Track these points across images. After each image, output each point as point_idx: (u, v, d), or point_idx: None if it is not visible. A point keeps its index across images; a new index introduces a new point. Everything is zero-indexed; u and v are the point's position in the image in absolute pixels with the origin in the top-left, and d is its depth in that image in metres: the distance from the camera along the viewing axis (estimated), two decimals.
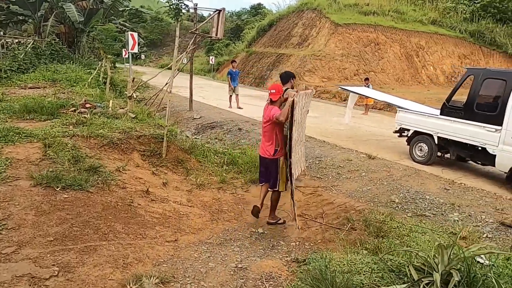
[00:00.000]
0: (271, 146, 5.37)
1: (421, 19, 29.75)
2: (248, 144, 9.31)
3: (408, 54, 27.25)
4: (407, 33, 27.91)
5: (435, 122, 7.96)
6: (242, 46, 37.71)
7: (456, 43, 29.08)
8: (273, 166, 5.45)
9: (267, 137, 5.40)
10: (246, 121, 11.81)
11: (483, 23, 29.60)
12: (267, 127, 5.35)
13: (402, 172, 7.78)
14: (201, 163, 7.76)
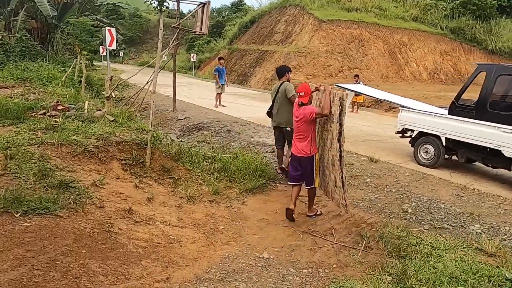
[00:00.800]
0: (307, 145, 5.36)
1: (403, 15, 29.42)
2: (239, 148, 8.45)
3: (392, 51, 26.84)
4: (390, 30, 27.49)
5: (443, 122, 7.28)
6: (223, 43, 36.72)
7: (437, 39, 28.83)
8: (309, 163, 5.42)
9: (302, 136, 5.36)
10: (235, 121, 10.93)
11: (463, 20, 29.44)
12: (302, 127, 5.33)
13: (409, 177, 7.08)
14: (190, 171, 6.86)
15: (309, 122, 5.27)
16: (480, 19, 29.52)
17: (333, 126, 5.06)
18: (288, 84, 6.86)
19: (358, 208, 6.08)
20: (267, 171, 7.18)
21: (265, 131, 10.02)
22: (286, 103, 6.76)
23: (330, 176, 5.47)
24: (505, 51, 28.11)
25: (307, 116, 5.21)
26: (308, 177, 5.49)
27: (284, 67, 7.31)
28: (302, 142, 5.38)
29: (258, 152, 8.40)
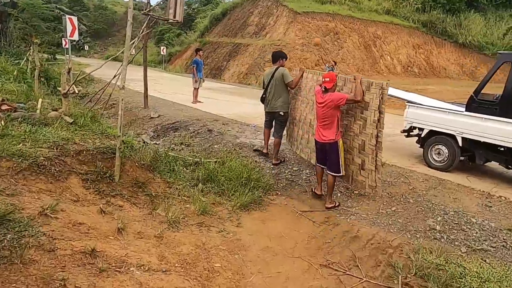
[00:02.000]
0: (332, 131, 5.33)
1: (376, 8, 28.78)
2: (225, 151, 7.16)
3: (366, 44, 26.10)
4: (364, 23, 26.74)
5: (459, 120, 6.27)
6: (194, 36, 34.99)
7: (410, 33, 28.36)
8: (333, 150, 5.37)
9: (328, 121, 5.31)
10: (215, 119, 9.60)
11: (434, 14, 29.11)
12: (328, 112, 5.27)
13: (424, 183, 6.04)
14: (170, 184, 5.54)
15: (336, 107, 5.20)
16: (450, 13, 29.30)
17: (366, 113, 5.21)
18: (283, 69, 6.68)
19: (376, 225, 4.97)
20: (262, 181, 5.96)
21: (251, 131, 8.76)
22: (282, 88, 6.70)
23: (353, 160, 5.54)
24: (475, 44, 27.99)
25: (335, 101, 5.14)
26: (333, 163, 5.40)
27: (280, 53, 7.00)
28: (327, 129, 5.31)
29: (247, 156, 7.15)
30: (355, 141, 5.53)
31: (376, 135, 5.14)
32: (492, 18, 30.08)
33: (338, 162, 5.36)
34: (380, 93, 4.99)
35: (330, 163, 5.41)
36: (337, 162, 5.36)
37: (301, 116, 7.10)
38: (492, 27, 29.03)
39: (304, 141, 7.13)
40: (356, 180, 5.63)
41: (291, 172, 6.61)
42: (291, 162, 6.97)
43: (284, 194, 5.91)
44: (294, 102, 7.31)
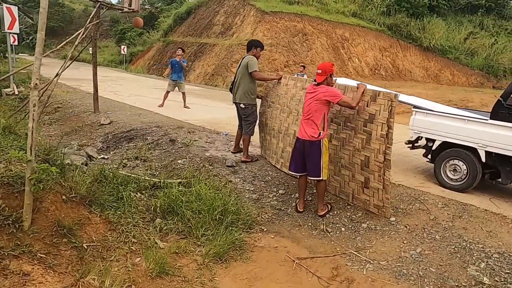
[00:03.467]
0: (316, 127, 4.40)
1: (343, 10, 27.81)
2: (191, 169, 5.51)
3: (335, 46, 25.06)
4: (332, 24, 25.70)
5: (483, 130, 4.96)
6: (157, 35, 32.73)
7: (376, 36, 27.63)
8: (314, 149, 4.41)
9: (311, 116, 4.40)
10: (180, 126, 7.88)
11: (399, 17, 28.54)
12: (314, 106, 4.37)
13: (445, 210, 4.66)
14: (113, 224, 3.83)
15: (325, 103, 4.38)
16: (414, 17, 28.87)
17: (371, 126, 4.37)
18: (251, 58, 5.90)
19: (404, 279, 3.51)
20: (241, 213, 4.37)
21: (223, 141, 7.14)
22: (245, 78, 5.94)
23: (354, 177, 4.66)
24: (438, 48, 27.66)
25: (327, 96, 4.33)
26: (313, 166, 4.43)
27: (254, 41, 6.18)
28: (310, 124, 4.42)
29: (219, 174, 5.54)
30: (356, 156, 4.62)
31: (384, 151, 4.28)
32: (453, 23, 30.05)
33: (319, 163, 4.40)
34: (389, 105, 4.21)
35: (310, 165, 4.45)
36: (317, 164, 4.40)
37: (281, 127, 5.82)
38: (453, 31, 28.93)
39: (286, 154, 5.69)
40: (357, 198, 4.72)
41: (277, 196, 5.07)
42: (275, 183, 5.42)
43: (271, 230, 4.34)
44: (271, 111, 6.15)
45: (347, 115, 4.64)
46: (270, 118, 6.15)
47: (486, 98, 17.38)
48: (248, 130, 6.10)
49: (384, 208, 4.42)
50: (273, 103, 6.12)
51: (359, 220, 4.44)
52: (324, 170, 4.40)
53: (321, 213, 4.56)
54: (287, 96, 5.78)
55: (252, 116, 6.10)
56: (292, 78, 5.89)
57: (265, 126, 6.32)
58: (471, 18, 31.12)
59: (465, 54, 27.41)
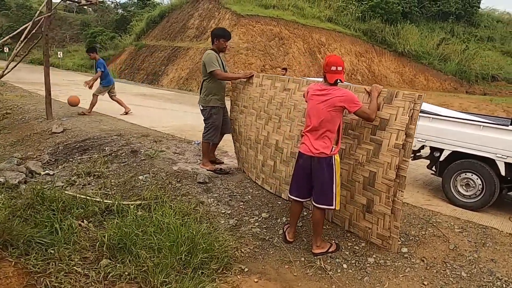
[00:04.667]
0: (327, 143, 3.33)
1: (319, 15, 27.25)
2: (154, 188, 4.43)
3: (311, 50, 24.41)
4: (308, 29, 25.06)
5: (502, 138, 4.13)
6: (130, 39, 31.25)
7: (352, 41, 27.20)
8: (324, 168, 3.33)
9: (325, 128, 3.31)
10: (145, 135, 6.77)
11: (374, 23, 28.21)
12: (329, 114, 3.27)
13: (464, 236, 3.78)
14: (35, 274, 2.72)
15: (340, 111, 3.32)
16: (388, 23, 28.65)
17: (382, 134, 3.39)
18: (207, 54, 5.00)
19: None
20: (216, 248, 3.32)
21: (194, 151, 6.08)
22: (205, 77, 5.10)
23: (353, 199, 3.71)
24: (412, 53, 27.53)
25: (345, 102, 3.24)
26: (323, 190, 3.37)
27: (216, 30, 5.31)
28: (321, 138, 3.35)
29: (189, 194, 4.49)
30: (357, 172, 3.64)
31: (397, 165, 3.31)
32: (425, 29, 30.10)
33: (331, 188, 3.36)
34: (410, 108, 3.24)
35: (318, 189, 3.41)
36: (330, 188, 3.36)
37: (259, 136, 4.83)
38: (426, 37, 28.93)
39: (268, 169, 4.70)
40: (356, 226, 3.77)
41: (259, 221, 4.05)
42: (256, 203, 4.41)
43: (254, 269, 3.31)
44: (243, 117, 5.13)
45: (348, 120, 3.67)
46: (244, 125, 5.15)
47: (464, 103, 17.03)
48: (205, 134, 5.20)
49: (391, 239, 3.47)
50: (245, 107, 5.10)
51: (363, 253, 3.48)
52: (337, 196, 3.38)
53: (317, 251, 3.49)
54: (263, 99, 4.77)
55: (211, 119, 5.15)
56: (268, 77, 4.85)
57: (239, 135, 5.32)
58: (442, 25, 31.32)
59: (439, 60, 27.39)
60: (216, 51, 5.08)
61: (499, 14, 34.83)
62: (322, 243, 3.52)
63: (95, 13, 43.58)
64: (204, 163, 5.31)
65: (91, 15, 44.11)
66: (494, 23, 33.16)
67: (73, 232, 3.49)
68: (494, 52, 29.03)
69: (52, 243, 3.24)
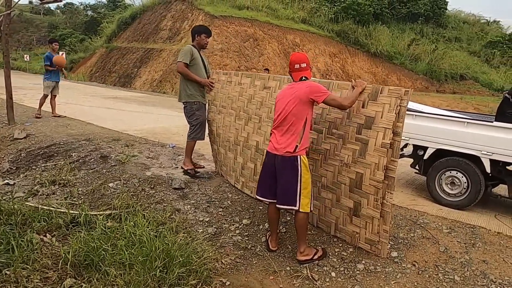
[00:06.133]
0: (291, 139, 3.12)
1: (293, 16, 27.27)
2: (125, 196, 4.09)
3: (286, 51, 24.33)
4: (283, 30, 25.02)
5: (487, 134, 4.03)
6: (100, 41, 30.38)
7: (326, 42, 27.35)
8: (288, 168, 3.11)
9: (290, 124, 3.11)
10: (116, 139, 6.37)
11: (347, 24, 28.49)
12: (294, 108, 3.08)
13: (453, 237, 3.64)
14: None
15: (308, 103, 3.10)
16: (360, 24, 28.99)
17: (368, 133, 3.18)
18: (186, 46, 4.80)
19: None
20: (194, 261, 3.02)
21: (168, 155, 5.75)
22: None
23: (340, 202, 3.49)
24: (384, 54, 27.98)
25: (310, 93, 3.05)
26: (285, 190, 3.13)
27: (196, 27, 5.00)
28: (285, 134, 3.14)
29: (163, 201, 4.17)
30: (343, 174, 3.42)
31: (385, 166, 3.09)
32: (396, 30, 30.68)
33: (294, 187, 3.10)
34: (397, 105, 3.03)
35: (280, 189, 3.17)
36: (292, 187, 3.10)
37: (238, 137, 4.58)
38: (397, 38, 29.49)
39: (248, 172, 4.46)
40: (343, 230, 3.54)
41: (240, 229, 3.77)
42: (237, 209, 4.14)
43: (236, 282, 3.03)
44: (222, 117, 4.88)
45: (332, 119, 3.46)
46: (222, 126, 4.87)
47: (436, 101, 17.33)
48: (191, 133, 4.88)
49: (380, 244, 3.26)
50: (223, 107, 4.83)
51: (352, 259, 3.27)
52: (304, 198, 3.10)
53: (302, 258, 3.21)
54: (242, 98, 4.52)
55: (195, 116, 4.85)
56: (247, 75, 4.61)
57: (217, 136, 5.04)
58: (412, 26, 32.01)
59: (410, 60, 27.94)
60: (196, 47, 4.81)
61: (465, 16, 35.93)
62: (307, 249, 3.26)
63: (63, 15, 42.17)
64: (185, 162, 4.99)
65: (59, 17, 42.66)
66: (460, 24, 34.18)
67: (33, 248, 3.13)
68: (461, 52, 29.87)
69: (8, 262, 2.88)
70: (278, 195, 3.18)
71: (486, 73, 27.81)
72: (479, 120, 4.19)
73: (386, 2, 30.93)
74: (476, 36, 32.85)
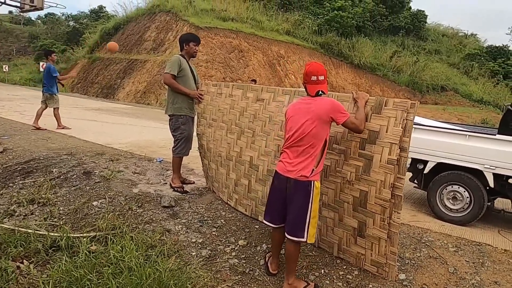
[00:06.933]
0: (307, 161, 2.79)
1: (277, 28, 27.40)
2: (110, 216, 3.78)
3: (271, 63, 24.37)
4: (267, 41, 25.07)
5: (490, 148, 3.91)
6: (82, 52, 29.81)
7: (310, 53, 27.52)
8: (301, 193, 2.79)
9: (305, 145, 2.80)
10: (100, 153, 6.04)
11: (330, 36, 28.80)
12: (314, 127, 2.77)
13: (460, 256, 3.47)
14: None
15: (327, 124, 2.83)
16: (343, 36, 29.35)
17: (372, 149, 2.98)
18: (173, 56, 4.59)
19: None
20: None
21: (156, 169, 5.46)
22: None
23: (343, 222, 3.25)
24: (368, 65, 28.35)
25: (333, 113, 2.78)
26: (295, 219, 2.82)
27: (183, 36, 4.79)
28: (301, 155, 2.81)
29: (152, 220, 3.88)
30: (346, 191, 3.21)
31: (392, 184, 2.90)
32: (378, 42, 31.19)
33: (304, 217, 2.80)
34: (403, 118, 2.85)
35: (291, 217, 2.85)
36: (302, 218, 2.81)
37: (230, 152, 4.34)
38: (380, 50, 29.96)
39: (241, 188, 4.22)
40: (347, 251, 3.32)
41: (236, 250, 3.51)
42: (231, 229, 3.88)
43: None
44: (212, 131, 4.62)
45: (332, 133, 3.24)
46: (213, 140, 4.63)
47: (420, 112, 17.49)
48: (175, 148, 4.66)
49: (388, 266, 3.06)
50: (214, 120, 4.59)
51: (358, 283, 3.05)
52: (311, 228, 2.82)
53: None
54: (234, 110, 4.29)
55: (179, 130, 4.62)
56: (239, 86, 4.40)
57: (208, 151, 4.79)
58: (394, 38, 32.64)
59: (392, 71, 28.35)
60: (185, 57, 4.59)
61: (444, 29, 36.91)
62: (295, 281, 2.94)
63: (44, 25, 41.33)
64: (173, 179, 4.73)
65: (40, 27, 41.80)
66: (440, 37, 35.06)
67: (7, 279, 2.81)
68: (441, 64, 30.54)
69: None
70: (288, 223, 2.88)
71: (466, 84, 28.45)
72: (481, 132, 4.07)
73: (368, 15, 31.47)
74: (455, 49, 33.72)
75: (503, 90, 27.92)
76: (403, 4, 34.13)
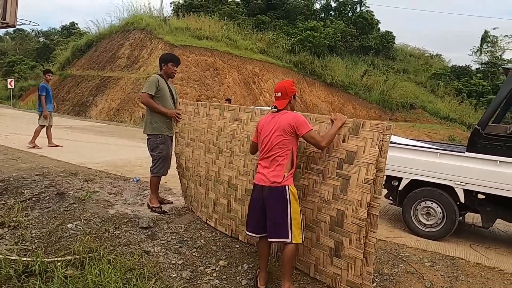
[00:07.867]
0: (277, 170, 3.02)
1: (252, 47, 27.85)
2: (86, 239, 3.67)
3: (246, 81, 24.64)
4: (242, 60, 25.38)
5: (459, 165, 4.08)
6: (53, 68, 29.07)
7: (284, 72, 28.03)
8: (277, 198, 2.99)
9: (274, 155, 3.04)
10: (73, 173, 5.88)
11: (303, 55, 29.51)
12: (279, 139, 3.03)
13: (436, 270, 3.57)
14: None
15: (293, 135, 3.04)
16: (316, 55, 30.14)
17: (349, 169, 3.06)
18: (152, 76, 4.63)
19: None
20: None
21: (133, 189, 5.36)
22: None
23: (320, 242, 3.30)
24: (340, 84, 29.12)
25: (295, 124, 2.99)
26: (275, 222, 2.99)
27: (163, 56, 4.83)
28: (272, 165, 3.05)
29: (130, 242, 3.79)
30: (323, 211, 3.25)
31: (368, 203, 2.97)
32: (349, 62, 32.18)
33: (285, 219, 2.97)
34: (379, 140, 2.95)
35: (271, 222, 3.02)
36: (282, 220, 2.97)
37: (209, 172, 4.34)
38: (351, 69, 30.89)
39: (221, 208, 4.21)
40: (323, 272, 3.32)
41: (217, 271, 3.48)
42: (212, 249, 3.84)
43: None
44: (191, 150, 4.63)
45: (310, 153, 3.32)
46: (192, 160, 4.61)
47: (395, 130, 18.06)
48: (153, 168, 4.63)
49: (363, 286, 3.09)
50: (192, 140, 4.59)
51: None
52: (295, 229, 2.97)
53: None
54: (211, 130, 4.32)
55: (158, 150, 4.61)
56: (216, 106, 4.45)
57: (186, 170, 4.76)
58: (364, 58, 33.76)
59: (364, 90, 29.23)
60: (163, 76, 4.61)
61: (411, 49, 38.52)
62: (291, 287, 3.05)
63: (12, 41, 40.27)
64: (151, 199, 4.67)
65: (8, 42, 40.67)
66: (407, 57, 36.55)
67: None
68: (410, 83, 31.78)
69: None
70: (269, 229, 3.02)
71: (433, 102, 29.68)
72: (451, 150, 4.27)
73: (339, 36, 32.51)
74: (422, 68, 35.21)
75: (467, 108, 29.28)
76: (372, 25, 35.50)
